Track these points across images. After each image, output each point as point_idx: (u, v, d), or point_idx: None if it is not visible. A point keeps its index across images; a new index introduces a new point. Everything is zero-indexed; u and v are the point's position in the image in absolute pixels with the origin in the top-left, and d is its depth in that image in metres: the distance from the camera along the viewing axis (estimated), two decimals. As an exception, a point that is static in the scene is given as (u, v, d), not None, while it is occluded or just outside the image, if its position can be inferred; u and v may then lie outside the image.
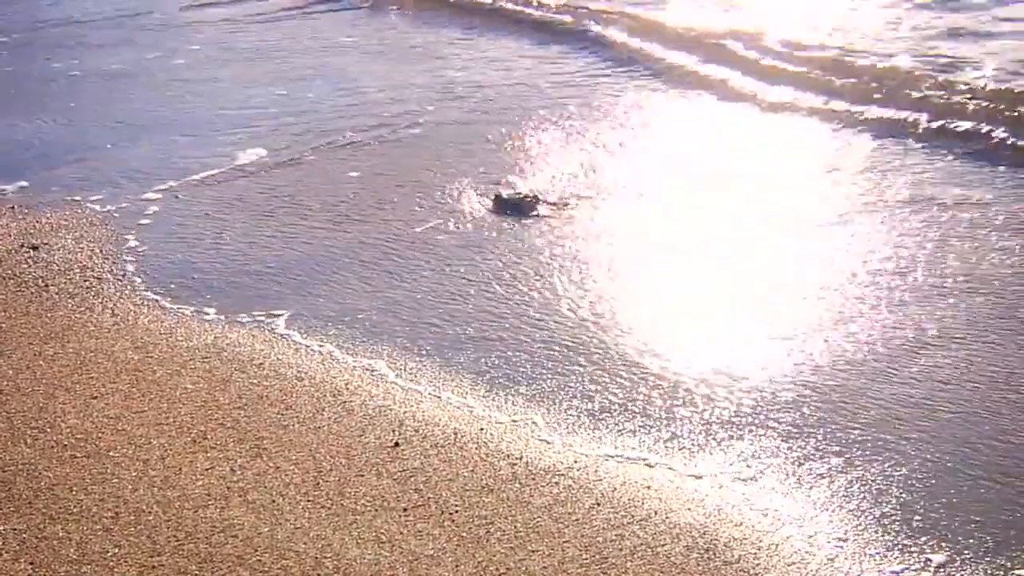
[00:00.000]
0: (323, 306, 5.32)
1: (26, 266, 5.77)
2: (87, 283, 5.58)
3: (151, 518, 3.78)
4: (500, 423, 4.35)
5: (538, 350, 4.86)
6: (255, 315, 5.25)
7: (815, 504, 3.85)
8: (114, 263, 5.80)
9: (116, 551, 3.62)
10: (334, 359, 4.84)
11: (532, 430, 4.30)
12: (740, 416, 4.35)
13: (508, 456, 4.14)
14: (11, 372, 4.74)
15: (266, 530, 3.72)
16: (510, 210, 6.29)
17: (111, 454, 4.15)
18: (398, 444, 4.21)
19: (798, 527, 3.74)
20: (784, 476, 4.00)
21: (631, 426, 4.31)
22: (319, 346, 4.95)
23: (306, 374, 4.72)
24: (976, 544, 3.63)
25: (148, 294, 5.48)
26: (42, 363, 4.82)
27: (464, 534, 3.70)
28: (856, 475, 3.98)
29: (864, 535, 3.69)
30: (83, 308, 5.33)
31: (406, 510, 3.83)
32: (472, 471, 4.05)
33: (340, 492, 3.92)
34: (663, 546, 3.66)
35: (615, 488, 3.94)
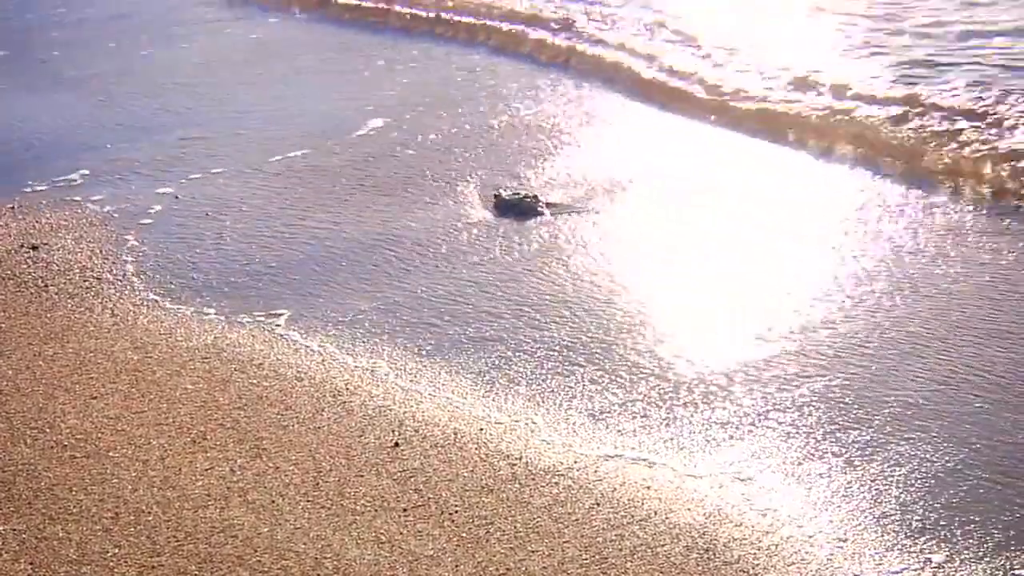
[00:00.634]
0: (323, 306, 5.32)
1: (26, 266, 5.77)
2: (87, 283, 5.58)
3: (151, 518, 3.78)
4: (500, 423, 4.35)
5: (538, 350, 4.86)
6: (255, 315, 5.25)
7: (815, 504, 3.85)
8: (114, 263, 5.80)
9: (116, 551, 3.62)
10: (334, 359, 4.84)
11: (532, 430, 4.30)
12: (740, 416, 4.35)
13: (508, 456, 4.14)
14: (11, 372, 4.74)
15: (266, 530, 3.72)
16: (510, 210, 6.29)
17: (111, 454, 4.15)
18: (398, 444, 4.21)
19: (798, 527, 3.74)
20: (784, 476, 4.00)
21: (631, 426, 4.31)
22: (319, 346, 4.95)
23: (306, 374, 4.72)
24: (976, 544, 3.63)
25: (148, 294, 5.48)
26: (42, 363, 4.82)
27: (464, 534, 3.70)
28: (856, 475, 3.98)
29: (864, 535, 3.69)
30: (83, 308, 5.33)
31: (406, 510, 3.83)
32: (472, 471, 4.05)
33: (340, 492, 3.92)
34: (663, 546, 3.65)
35: (615, 488, 3.94)
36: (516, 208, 6.29)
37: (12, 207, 6.52)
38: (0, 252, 5.93)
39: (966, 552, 3.60)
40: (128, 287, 5.55)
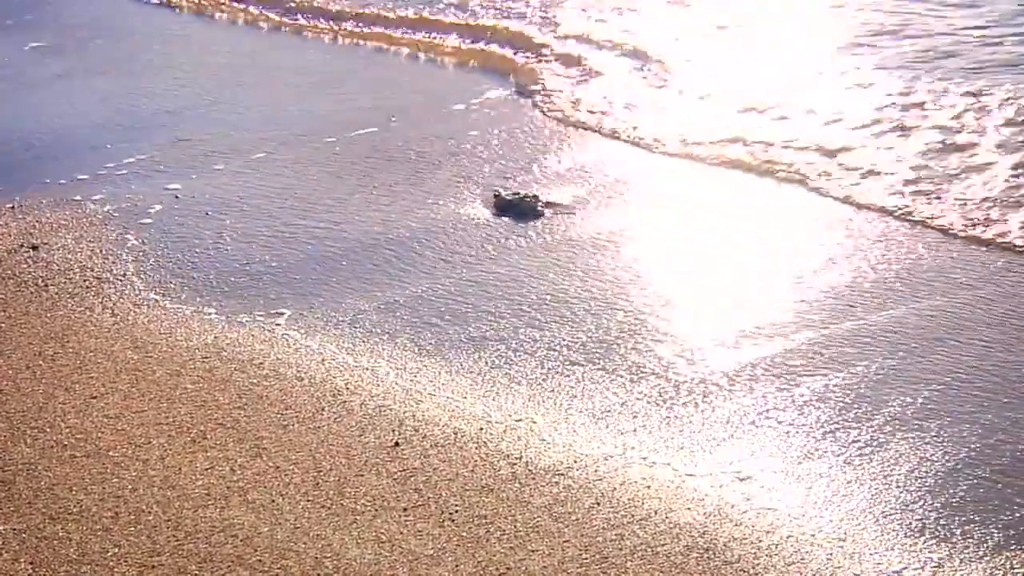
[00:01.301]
0: (323, 306, 5.32)
1: (26, 266, 5.77)
2: (87, 283, 5.58)
3: (151, 518, 3.78)
4: (500, 423, 4.35)
5: (538, 350, 4.86)
6: (255, 315, 5.25)
7: (815, 503, 3.85)
8: (114, 263, 5.80)
9: (116, 551, 3.62)
10: (334, 359, 4.84)
11: (532, 430, 4.30)
12: (740, 415, 4.35)
13: (508, 456, 4.14)
14: (11, 372, 4.74)
15: (266, 530, 3.72)
16: (510, 210, 6.29)
17: (111, 454, 4.15)
18: (398, 444, 4.21)
19: (798, 527, 3.74)
20: (784, 475, 4.00)
21: (631, 426, 4.31)
22: (319, 346, 4.95)
23: (306, 374, 4.72)
24: (976, 544, 3.63)
25: (148, 294, 5.48)
26: (42, 363, 4.82)
27: (464, 534, 3.71)
28: (855, 474, 3.98)
29: (864, 534, 3.69)
30: (83, 308, 5.32)
31: (406, 510, 3.83)
32: (472, 471, 4.05)
33: (340, 492, 3.92)
34: (663, 545, 3.66)
35: (615, 488, 3.95)
36: (516, 208, 6.29)
37: (12, 207, 6.51)
38: (0, 252, 5.92)
39: (966, 552, 3.60)
40: (128, 287, 5.55)
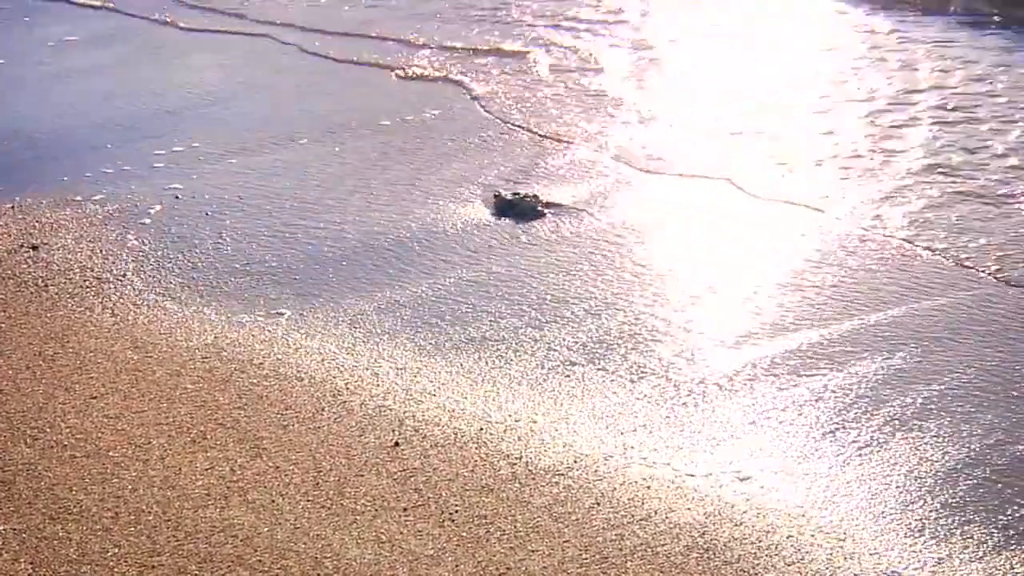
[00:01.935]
0: (323, 306, 5.32)
1: (26, 266, 5.77)
2: (87, 283, 5.58)
3: (151, 518, 3.78)
4: (500, 423, 4.35)
5: (538, 350, 4.86)
6: (255, 315, 5.25)
7: (815, 503, 3.85)
8: (114, 263, 5.80)
9: (116, 551, 3.62)
10: (334, 359, 4.84)
11: (532, 430, 4.30)
12: (740, 415, 4.36)
13: (508, 456, 4.14)
14: (11, 372, 4.74)
15: (266, 530, 3.72)
16: (510, 210, 6.29)
17: (111, 454, 4.15)
18: (398, 444, 4.22)
19: (798, 527, 3.74)
20: (784, 475, 4.00)
21: (631, 426, 4.31)
22: (319, 346, 4.95)
23: (306, 374, 4.73)
24: (976, 544, 3.64)
25: (148, 294, 5.48)
26: (42, 363, 4.82)
27: (464, 534, 3.71)
28: (855, 475, 3.99)
29: (864, 534, 3.69)
30: (83, 308, 5.33)
31: (406, 510, 3.83)
32: (472, 471, 4.05)
33: (340, 492, 3.93)
34: (663, 545, 3.66)
35: (615, 488, 3.95)
36: (516, 208, 6.29)
37: (12, 207, 6.52)
38: (0, 252, 5.93)
39: (966, 552, 3.60)
40: (128, 287, 5.55)
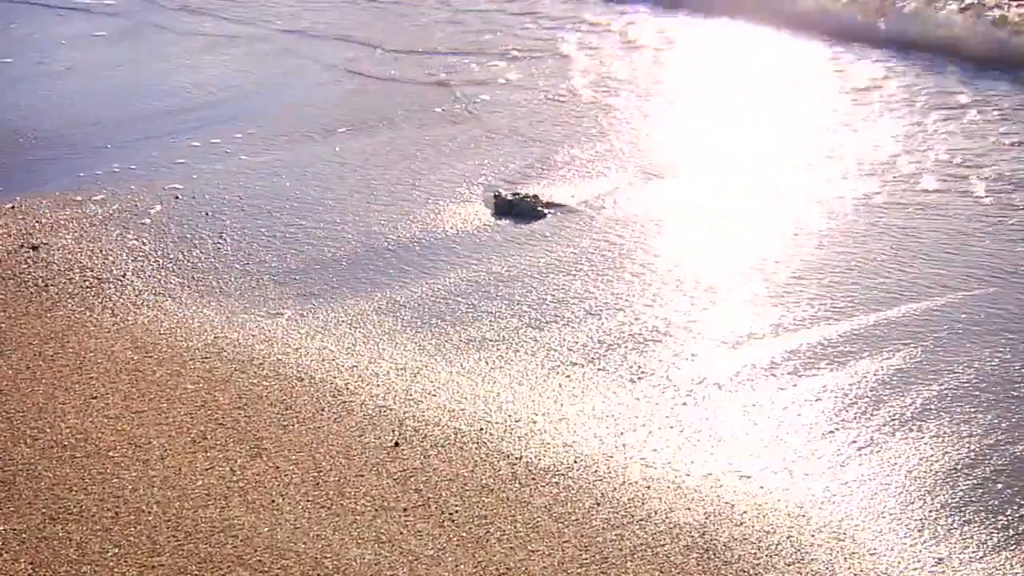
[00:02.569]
0: (323, 306, 5.32)
1: (26, 266, 5.77)
2: (87, 283, 5.58)
3: (151, 518, 3.78)
4: (500, 423, 4.35)
5: (538, 350, 4.87)
6: (255, 315, 5.25)
7: (815, 503, 3.85)
8: (114, 263, 5.80)
9: (116, 551, 3.62)
10: (334, 359, 4.84)
11: (532, 430, 4.30)
12: (740, 415, 4.36)
13: (508, 456, 4.14)
14: (11, 372, 4.74)
15: (266, 530, 3.72)
16: (510, 210, 6.29)
17: (111, 454, 4.15)
18: (398, 444, 4.22)
19: (798, 527, 3.74)
20: (784, 475, 4.00)
21: (631, 426, 4.31)
22: (319, 346, 4.95)
23: (306, 374, 4.73)
24: (976, 544, 3.64)
25: (148, 294, 5.48)
26: (42, 363, 4.82)
27: (464, 534, 3.71)
28: (855, 475, 3.99)
29: (864, 534, 3.70)
30: (83, 308, 5.33)
31: (406, 510, 3.83)
32: (472, 471, 4.05)
33: (340, 492, 3.93)
34: (663, 546, 3.66)
35: (615, 488, 3.95)
36: (516, 208, 6.29)
37: (12, 207, 6.52)
38: (0, 252, 5.92)
39: (966, 552, 3.60)
40: (128, 287, 5.55)
